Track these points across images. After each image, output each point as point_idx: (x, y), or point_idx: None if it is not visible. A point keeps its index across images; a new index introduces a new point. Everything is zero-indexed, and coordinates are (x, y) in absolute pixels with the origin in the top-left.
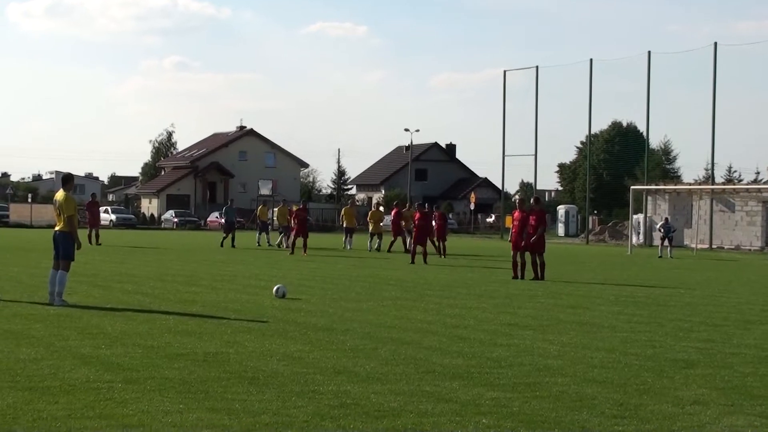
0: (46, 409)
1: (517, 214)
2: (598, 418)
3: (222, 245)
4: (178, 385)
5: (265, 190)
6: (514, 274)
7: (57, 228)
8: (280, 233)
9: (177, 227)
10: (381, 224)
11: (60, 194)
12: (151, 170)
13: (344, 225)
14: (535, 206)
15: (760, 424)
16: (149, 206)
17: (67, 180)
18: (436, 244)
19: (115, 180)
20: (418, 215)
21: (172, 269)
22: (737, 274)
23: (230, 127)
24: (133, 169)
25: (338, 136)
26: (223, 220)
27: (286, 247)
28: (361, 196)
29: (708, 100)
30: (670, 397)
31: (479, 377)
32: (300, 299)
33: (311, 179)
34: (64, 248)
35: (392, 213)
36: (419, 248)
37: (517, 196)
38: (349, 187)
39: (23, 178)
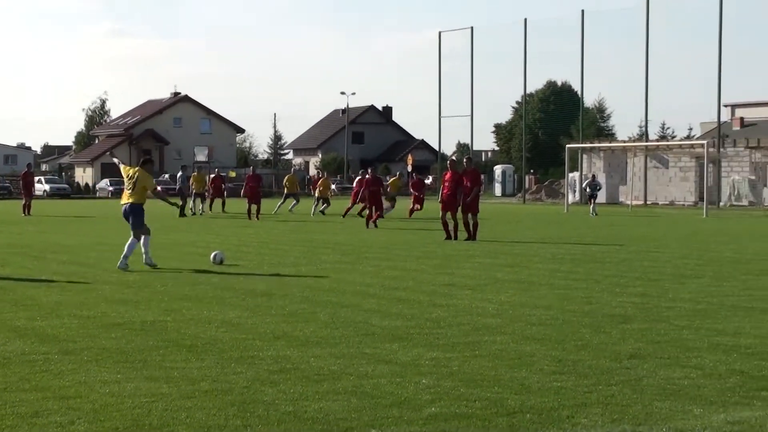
0: None
1: (448, 174)
2: (536, 375)
3: (183, 214)
4: (116, 355)
5: (201, 156)
6: (447, 234)
7: (130, 201)
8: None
9: (112, 196)
10: (329, 190)
11: (137, 170)
12: (84, 139)
13: (286, 191)
14: (468, 166)
15: (696, 376)
16: (83, 175)
17: (146, 162)
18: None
19: (48, 149)
20: (369, 180)
21: (107, 238)
22: (671, 230)
23: (164, 93)
24: (67, 138)
25: (274, 100)
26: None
27: (201, 213)
28: (298, 160)
29: (641, 58)
30: (608, 352)
31: (418, 338)
32: (238, 265)
33: (248, 145)
34: (136, 219)
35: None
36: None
37: (453, 157)
38: (286, 151)
39: None
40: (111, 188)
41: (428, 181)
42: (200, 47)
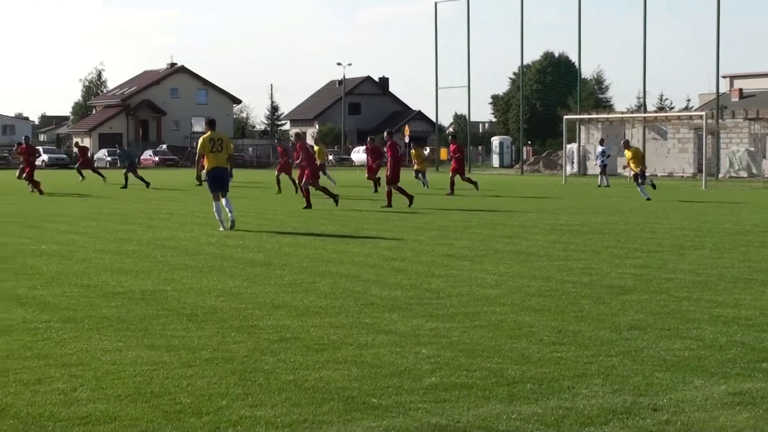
0: None
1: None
2: (536, 346)
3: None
4: (116, 323)
5: (199, 127)
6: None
7: (219, 165)
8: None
9: (110, 166)
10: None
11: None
12: (82, 109)
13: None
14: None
15: (696, 347)
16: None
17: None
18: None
19: (45, 120)
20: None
21: (105, 208)
22: (670, 201)
23: (161, 64)
24: (64, 109)
25: (271, 71)
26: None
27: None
28: (294, 131)
29: (639, 30)
30: (608, 323)
31: (418, 308)
32: (236, 234)
33: (245, 115)
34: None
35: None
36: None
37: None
38: (283, 122)
39: None
40: (109, 158)
41: (426, 152)
42: (195, 19)
